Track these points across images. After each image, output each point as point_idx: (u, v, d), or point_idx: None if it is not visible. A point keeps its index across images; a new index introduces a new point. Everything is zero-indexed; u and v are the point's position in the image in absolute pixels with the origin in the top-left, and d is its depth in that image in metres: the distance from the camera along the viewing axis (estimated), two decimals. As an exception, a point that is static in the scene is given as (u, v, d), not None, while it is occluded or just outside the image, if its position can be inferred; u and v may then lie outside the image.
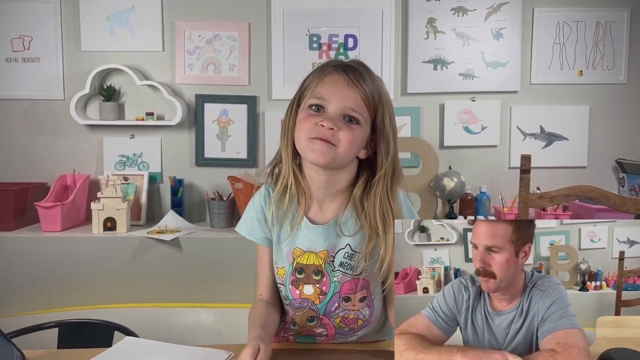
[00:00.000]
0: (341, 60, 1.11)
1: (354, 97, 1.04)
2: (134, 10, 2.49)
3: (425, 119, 2.53)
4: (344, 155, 1.04)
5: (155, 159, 2.55)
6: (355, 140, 1.04)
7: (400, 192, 1.12)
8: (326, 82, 1.06)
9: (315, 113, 1.05)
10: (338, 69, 1.07)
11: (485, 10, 2.47)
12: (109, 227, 2.28)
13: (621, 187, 2.51)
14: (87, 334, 1.51)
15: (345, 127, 1.03)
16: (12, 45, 2.50)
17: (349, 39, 2.50)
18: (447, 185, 2.32)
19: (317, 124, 1.03)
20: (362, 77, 1.06)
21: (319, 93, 1.05)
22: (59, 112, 2.52)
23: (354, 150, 1.06)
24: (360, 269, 1.09)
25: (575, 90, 2.53)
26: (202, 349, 1.07)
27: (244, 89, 2.52)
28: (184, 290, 2.22)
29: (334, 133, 1.02)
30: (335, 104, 1.04)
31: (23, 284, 2.20)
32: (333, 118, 1.03)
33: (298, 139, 1.06)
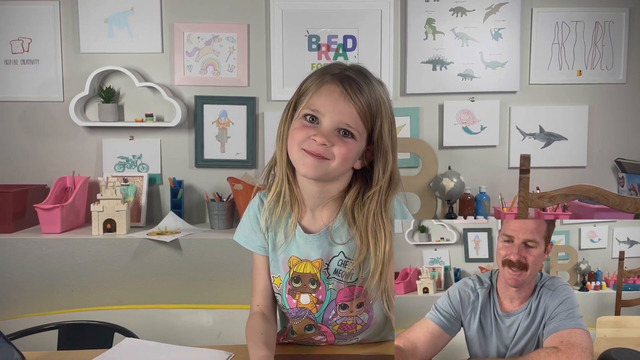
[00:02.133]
0: (341, 68, 1.06)
1: (350, 111, 1.01)
2: (133, 11, 2.49)
3: (425, 119, 2.53)
4: (337, 169, 1.03)
5: (154, 160, 2.55)
6: (349, 155, 1.02)
7: (395, 199, 1.10)
8: (322, 93, 1.03)
9: (309, 124, 1.03)
10: (335, 80, 1.03)
11: (484, 11, 2.48)
12: (108, 228, 2.28)
13: (620, 187, 2.51)
14: (87, 336, 1.50)
15: (339, 142, 1.01)
16: (11, 47, 2.50)
17: (348, 40, 2.50)
18: (447, 186, 2.32)
19: (310, 138, 1.01)
20: (359, 89, 1.02)
21: (314, 105, 1.03)
22: (58, 114, 2.52)
23: (347, 164, 1.04)
24: (355, 276, 1.08)
25: (574, 90, 2.53)
26: (201, 350, 1.07)
27: (243, 90, 2.52)
28: (183, 291, 2.22)
29: (327, 148, 1.01)
30: (330, 118, 1.02)
31: (23, 286, 2.20)
32: (327, 133, 1.01)
33: (291, 149, 1.05)
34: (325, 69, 1.07)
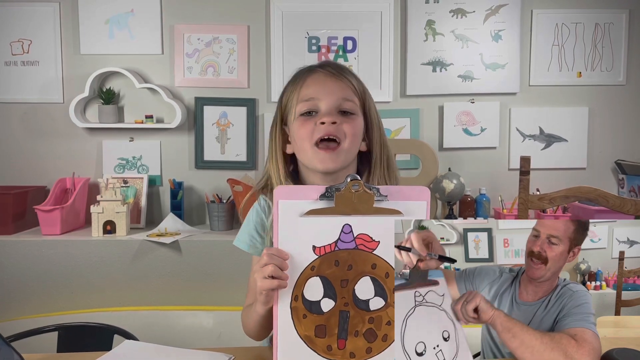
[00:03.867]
0: (311, 64, 1.11)
1: (342, 87, 1.04)
2: (133, 13, 2.49)
3: (425, 120, 2.53)
4: (350, 150, 1.03)
5: (154, 161, 2.55)
6: (357, 131, 1.04)
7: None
8: (310, 83, 1.05)
9: (310, 117, 1.03)
10: (315, 68, 1.07)
11: (484, 12, 2.48)
12: (108, 230, 2.28)
13: (621, 188, 2.51)
14: (87, 338, 1.50)
15: (345, 120, 1.03)
16: (11, 48, 2.51)
17: (348, 41, 2.50)
18: (447, 187, 2.32)
19: (317, 124, 1.01)
20: (341, 69, 1.06)
21: (307, 95, 1.04)
22: (58, 116, 2.52)
23: (357, 142, 1.05)
24: None
25: (574, 92, 2.53)
26: (201, 353, 1.07)
27: (243, 91, 2.52)
28: (183, 293, 2.22)
29: (338, 126, 1.01)
30: (327, 99, 1.03)
31: (22, 288, 2.20)
32: (330, 112, 1.02)
33: (302, 150, 1.04)
34: (297, 72, 1.10)
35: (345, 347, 0.86)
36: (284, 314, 0.86)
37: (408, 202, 0.85)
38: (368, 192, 0.84)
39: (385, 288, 0.85)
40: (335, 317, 0.85)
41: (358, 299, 0.85)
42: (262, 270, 0.85)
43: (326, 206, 0.85)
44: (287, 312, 0.86)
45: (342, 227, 0.85)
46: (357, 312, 0.85)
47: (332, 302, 0.85)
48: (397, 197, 0.85)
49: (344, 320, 0.85)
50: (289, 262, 0.85)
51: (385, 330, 0.85)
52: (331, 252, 0.85)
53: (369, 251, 0.85)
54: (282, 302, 0.86)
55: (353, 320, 0.85)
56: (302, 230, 0.85)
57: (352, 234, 0.85)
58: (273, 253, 0.85)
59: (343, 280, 0.85)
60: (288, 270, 0.85)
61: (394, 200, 0.84)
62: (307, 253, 0.85)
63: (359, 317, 0.85)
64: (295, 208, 0.85)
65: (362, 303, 0.85)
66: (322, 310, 0.85)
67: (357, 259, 0.85)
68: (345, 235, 0.85)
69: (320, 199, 0.85)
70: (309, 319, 0.85)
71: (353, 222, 0.84)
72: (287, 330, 0.86)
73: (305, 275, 0.85)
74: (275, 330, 0.86)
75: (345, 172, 1.07)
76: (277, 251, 0.85)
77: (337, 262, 0.85)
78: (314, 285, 0.85)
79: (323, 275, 0.85)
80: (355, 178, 0.84)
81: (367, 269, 0.85)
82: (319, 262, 0.85)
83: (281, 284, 0.85)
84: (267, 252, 0.85)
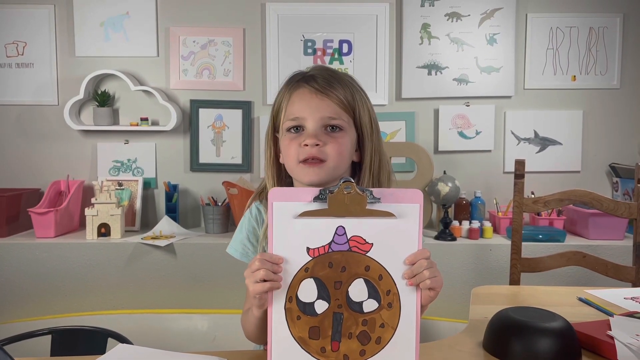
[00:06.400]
0: (303, 72, 1.08)
1: (327, 104, 1.02)
2: (129, 15, 2.49)
3: (420, 124, 2.54)
4: (336, 167, 1.02)
5: (149, 164, 2.54)
6: (343, 149, 1.02)
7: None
8: (295, 100, 1.04)
9: (296, 134, 1.03)
10: (301, 83, 1.05)
11: (479, 16, 2.49)
12: (103, 232, 2.27)
13: (615, 192, 2.52)
14: (81, 341, 1.50)
15: (330, 139, 1.01)
16: (5, 50, 2.50)
17: (344, 45, 2.50)
18: (442, 190, 2.32)
19: (301, 145, 1.01)
20: (327, 82, 1.03)
21: (292, 114, 1.03)
22: (53, 118, 2.51)
23: (345, 159, 1.04)
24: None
25: (568, 95, 2.54)
26: (196, 356, 1.06)
27: (238, 94, 2.52)
28: (178, 296, 2.21)
29: (320, 148, 1.01)
30: (311, 118, 1.02)
31: (16, 291, 2.19)
32: (315, 133, 1.01)
33: (289, 166, 1.05)
34: (290, 79, 1.09)
35: (339, 349, 0.85)
36: (278, 315, 0.86)
37: (401, 204, 0.85)
38: (360, 194, 0.84)
39: (379, 290, 0.85)
40: (329, 319, 0.85)
41: (352, 301, 0.85)
42: (253, 275, 0.85)
43: (319, 208, 0.85)
44: (282, 313, 0.85)
45: (335, 228, 0.85)
46: (350, 314, 0.85)
47: (326, 303, 0.85)
48: (390, 199, 0.85)
49: (338, 322, 0.85)
50: (283, 264, 0.85)
51: (378, 333, 0.85)
52: (325, 254, 0.85)
53: (362, 253, 0.85)
54: (277, 303, 0.86)
55: (347, 322, 0.85)
56: (296, 231, 0.85)
57: (345, 235, 0.85)
58: (265, 259, 0.85)
59: (337, 282, 0.85)
60: (282, 272, 0.85)
61: (386, 203, 0.85)
62: (301, 254, 0.85)
63: (352, 319, 0.85)
64: (289, 210, 0.85)
65: (355, 305, 0.85)
66: (316, 312, 0.85)
67: (350, 261, 0.85)
68: (339, 237, 0.85)
69: (314, 201, 0.85)
70: (303, 321, 0.85)
71: (347, 224, 0.85)
72: (281, 332, 0.85)
73: (299, 276, 0.85)
74: (270, 332, 0.86)
75: (335, 184, 1.08)
76: (270, 256, 0.85)
77: (330, 264, 0.85)
78: (307, 287, 0.85)
79: (317, 277, 0.85)
80: (348, 180, 0.84)
81: (360, 271, 0.85)
82: (313, 264, 0.85)
83: (273, 286, 0.85)
84: (259, 258, 0.85)
